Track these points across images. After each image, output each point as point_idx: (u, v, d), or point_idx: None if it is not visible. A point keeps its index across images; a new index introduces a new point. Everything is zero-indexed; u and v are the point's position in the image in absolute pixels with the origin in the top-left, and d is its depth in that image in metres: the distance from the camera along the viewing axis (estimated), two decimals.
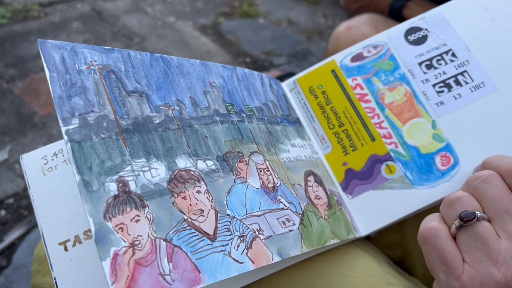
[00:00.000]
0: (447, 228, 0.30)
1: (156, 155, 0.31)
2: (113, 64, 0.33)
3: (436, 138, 0.41)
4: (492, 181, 0.30)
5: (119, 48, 0.34)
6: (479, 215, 0.29)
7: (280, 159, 0.40)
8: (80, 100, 0.29)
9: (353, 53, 0.46)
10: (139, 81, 0.34)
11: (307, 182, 0.41)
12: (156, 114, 0.33)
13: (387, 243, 0.48)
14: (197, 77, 0.38)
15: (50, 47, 0.30)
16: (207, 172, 0.33)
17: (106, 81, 0.32)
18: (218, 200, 0.32)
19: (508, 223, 0.28)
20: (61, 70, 0.30)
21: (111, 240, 0.25)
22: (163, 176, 0.30)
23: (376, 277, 0.40)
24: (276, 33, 1.92)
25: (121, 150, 0.29)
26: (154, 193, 0.29)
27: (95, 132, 0.29)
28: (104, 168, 0.28)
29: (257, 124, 0.40)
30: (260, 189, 0.36)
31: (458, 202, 0.30)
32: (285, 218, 0.35)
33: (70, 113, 0.29)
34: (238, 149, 0.37)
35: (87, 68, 0.31)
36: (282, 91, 0.48)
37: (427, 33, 0.43)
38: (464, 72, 0.41)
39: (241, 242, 0.31)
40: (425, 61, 0.42)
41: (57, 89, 0.29)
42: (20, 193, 1.06)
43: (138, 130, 0.31)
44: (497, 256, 0.27)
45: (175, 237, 0.28)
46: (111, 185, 0.27)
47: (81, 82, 0.30)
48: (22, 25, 1.58)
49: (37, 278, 0.43)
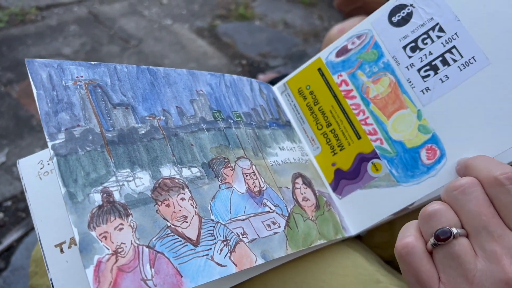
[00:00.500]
0: (424, 244, 0.29)
1: (141, 165, 0.32)
2: (100, 79, 0.34)
3: (422, 130, 0.40)
4: (471, 192, 0.28)
5: (106, 63, 0.36)
6: (456, 232, 0.27)
7: (267, 163, 0.41)
8: (66, 115, 0.31)
9: (337, 48, 0.46)
10: (125, 93, 0.35)
11: (295, 185, 0.42)
12: (141, 125, 0.34)
13: (378, 243, 0.49)
14: (183, 86, 0.40)
15: (37, 66, 0.32)
16: (191, 179, 0.34)
17: (92, 95, 0.33)
18: (202, 206, 0.33)
19: (486, 240, 0.27)
20: (48, 87, 0.31)
21: (94, 248, 0.27)
22: (147, 185, 0.32)
23: (365, 276, 0.41)
24: (272, 35, 1.93)
25: (106, 161, 0.31)
26: (138, 201, 0.30)
27: (81, 145, 0.30)
28: (89, 180, 0.29)
29: (245, 129, 0.42)
30: (246, 193, 0.37)
31: (434, 218, 0.29)
32: (270, 221, 0.37)
33: (57, 129, 0.30)
34: (224, 155, 0.38)
35: (74, 83, 0.33)
36: (272, 95, 0.49)
37: (412, 10, 0.41)
38: (453, 48, 0.39)
39: (224, 246, 0.32)
40: (409, 43, 0.41)
41: (44, 106, 0.30)
42: (18, 196, 1.08)
43: (123, 141, 0.32)
44: (473, 277, 0.26)
45: (158, 244, 0.29)
46: (95, 195, 0.29)
47: (68, 97, 0.32)
48: (20, 28, 1.61)
49: (34, 280, 0.45)
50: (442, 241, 0.27)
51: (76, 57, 1.53)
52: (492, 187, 0.28)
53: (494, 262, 0.26)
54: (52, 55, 1.51)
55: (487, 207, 0.28)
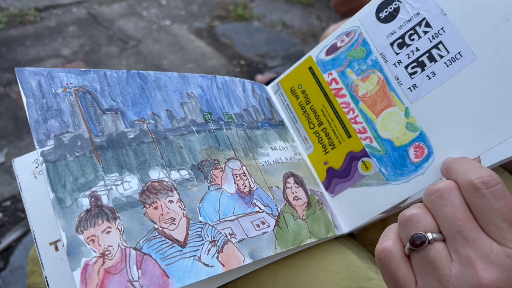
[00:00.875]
0: (402, 248, 0.30)
1: (129, 169, 0.33)
2: (89, 85, 0.35)
3: (409, 128, 0.40)
4: (448, 197, 0.28)
5: (96, 69, 0.37)
6: (431, 237, 0.28)
7: (258, 163, 0.42)
8: (55, 122, 0.32)
9: (327, 46, 0.46)
10: (115, 98, 0.36)
11: (286, 184, 0.42)
12: (130, 129, 0.35)
13: (371, 240, 0.49)
14: (174, 89, 0.40)
15: (27, 74, 0.33)
16: (180, 182, 0.35)
17: (82, 101, 0.34)
18: (191, 208, 0.34)
19: (461, 245, 0.27)
20: (38, 95, 0.32)
21: (82, 251, 0.28)
22: (136, 188, 0.32)
23: (357, 273, 0.41)
24: (270, 36, 1.94)
25: (94, 166, 0.32)
26: (126, 205, 0.31)
27: (70, 151, 0.31)
28: (77, 185, 0.30)
29: (236, 130, 0.42)
30: (235, 194, 0.37)
31: (410, 223, 0.29)
32: (259, 221, 0.37)
33: (46, 135, 0.31)
34: (214, 156, 0.38)
35: (63, 91, 0.34)
36: (266, 95, 0.50)
37: (398, 5, 0.41)
38: (439, 43, 0.39)
39: (212, 247, 0.33)
40: (397, 39, 0.41)
41: (34, 114, 0.31)
42: (17, 196, 1.09)
43: (112, 146, 0.33)
44: (447, 282, 0.27)
45: (145, 246, 0.30)
46: (83, 200, 0.30)
47: (57, 104, 0.33)
48: (19, 29, 1.62)
49: (32, 278, 0.46)
50: (417, 246, 0.28)
51: (75, 58, 1.55)
52: (468, 191, 0.28)
53: (468, 267, 0.26)
54: (50, 56, 1.53)
55: (462, 212, 0.28)
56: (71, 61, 1.53)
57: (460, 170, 0.30)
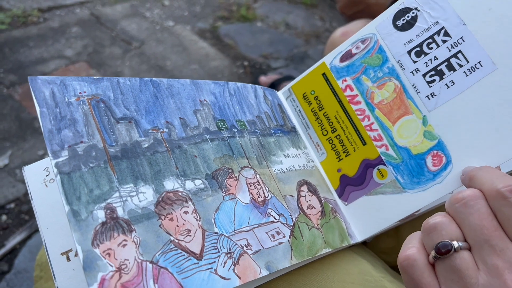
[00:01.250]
0: (426, 256, 0.29)
1: (144, 179, 0.32)
2: (103, 93, 0.35)
3: (427, 136, 0.40)
4: (473, 205, 0.28)
5: (108, 77, 0.36)
6: (457, 246, 0.27)
7: (271, 172, 0.41)
8: (69, 132, 0.31)
9: (341, 52, 0.45)
10: (128, 107, 0.35)
11: (300, 192, 0.42)
12: (144, 138, 0.35)
13: (384, 248, 0.49)
14: (187, 97, 0.40)
15: (40, 83, 0.32)
16: (195, 192, 0.34)
17: (95, 110, 0.33)
18: (206, 218, 0.34)
19: (488, 254, 0.26)
20: (51, 105, 0.32)
21: (98, 266, 0.27)
22: (151, 199, 0.32)
23: (372, 282, 0.41)
24: (273, 37, 1.93)
25: (109, 177, 0.31)
26: (142, 217, 0.31)
27: (84, 162, 0.31)
28: (92, 197, 0.30)
29: (249, 138, 0.42)
30: (250, 204, 0.37)
31: (435, 230, 0.29)
32: (275, 231, 0.37)
33: (60, 146, 0.30)
34: (228, 165, 0.38)
35: (77, 99, 0.33)
36: (277, 101, 0.49)
37: (416, 13, 0.41)
38: (458, 53, 0.38)
39: (228, 259, 0.32)
40: (414, 47, 0.41)
41: (47, 124, 0.31)
42: (21, 198, 1.08)
43: (127, 156, 0.33)
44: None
45: (161, 259, 0.30)
46: (99, 212, 0.29)
47: (71, 114, 0.32)
48: (22, 30, 1.62)
49: (39, 284, 0.45)
50: (443, 254, 0.27)
51: (78, 59, 1.54)
52: (495, 200, 0.28)
53: (495, 276, 0.26)
54: (54, 57, 1.52)
55: (489, 221, 0.27)
56: (75, 62, 1.52)
57: (485, 178, 0.30)
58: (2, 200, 1.07)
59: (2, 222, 1.04)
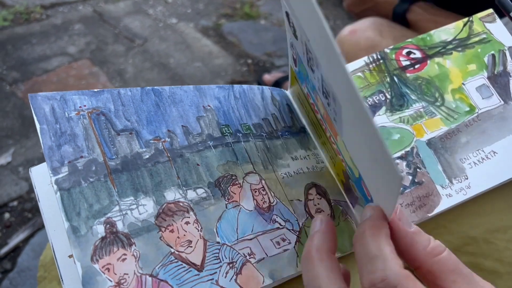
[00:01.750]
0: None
1: (145, 191, 0.33)
2: (103, 106, 0.35)
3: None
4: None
5: (109, 88, 0.36)
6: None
7: (278, 176, 0.40)
8: (69, 147, 0.32)
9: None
10: (129, 118, 0.36)
11: (308, 196, 0.41)
12: (146, 149, 0.35)
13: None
14: (190, 104, 0.40)
15: (40, 100, 0.33)
16: (197, 201, 0.34)
17: (96, 124, 0.34)
18: (208, 228, 0.33)
19: None
20: (51, 121, 0.32)
21: (97, 281, 0.28)
22: (151, 211, 0.32)
23: None
24: (277, 34, 1.91)
25: (109, 191, 0.31)
26: (142, 230, 0.31)
27: (84, 177, 0.31)
28: (92, 212, 0.30)
29: (254, 142, 0.41)
30: (254, 210, 0.37)
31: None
32: (280, 238, 0.36)
33: (60, 162, 0.31)
34: (232, 172, 0.38)
35: (77, 114, 0.34)
36: (286, 101, 0.48)
37: None
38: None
39: (230, 269, 0.32)
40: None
41: (47, 140, 0.31)
42: (24, 196, 1.08)
43: (127, 168, 0.33)
44: None
45: (161, 271, 0.30)
46: (98, 227, 0.30)
47: (71, 129, 0.33)
48: (24, 27, 1.64)
49: (43, 285, 0.46)
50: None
51: (81, 56, 1.56)
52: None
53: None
54: (56, 54, 1.54)
55: None
56: (77, 59, 1.54)
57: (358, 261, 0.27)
58: (5, 198, 1.07)
59: (5, 220, 1.04)
